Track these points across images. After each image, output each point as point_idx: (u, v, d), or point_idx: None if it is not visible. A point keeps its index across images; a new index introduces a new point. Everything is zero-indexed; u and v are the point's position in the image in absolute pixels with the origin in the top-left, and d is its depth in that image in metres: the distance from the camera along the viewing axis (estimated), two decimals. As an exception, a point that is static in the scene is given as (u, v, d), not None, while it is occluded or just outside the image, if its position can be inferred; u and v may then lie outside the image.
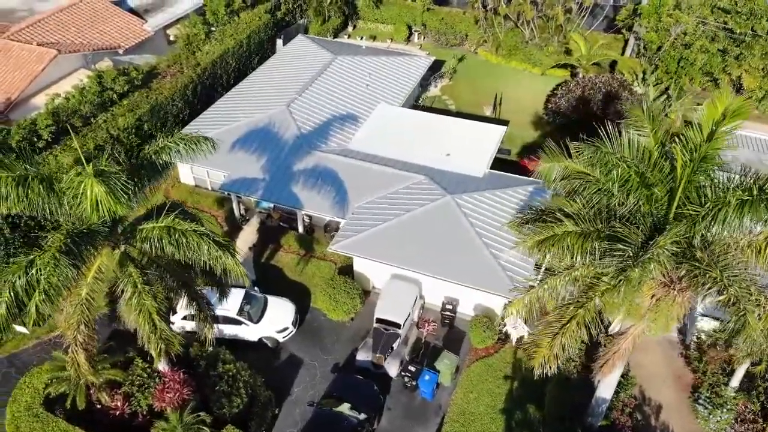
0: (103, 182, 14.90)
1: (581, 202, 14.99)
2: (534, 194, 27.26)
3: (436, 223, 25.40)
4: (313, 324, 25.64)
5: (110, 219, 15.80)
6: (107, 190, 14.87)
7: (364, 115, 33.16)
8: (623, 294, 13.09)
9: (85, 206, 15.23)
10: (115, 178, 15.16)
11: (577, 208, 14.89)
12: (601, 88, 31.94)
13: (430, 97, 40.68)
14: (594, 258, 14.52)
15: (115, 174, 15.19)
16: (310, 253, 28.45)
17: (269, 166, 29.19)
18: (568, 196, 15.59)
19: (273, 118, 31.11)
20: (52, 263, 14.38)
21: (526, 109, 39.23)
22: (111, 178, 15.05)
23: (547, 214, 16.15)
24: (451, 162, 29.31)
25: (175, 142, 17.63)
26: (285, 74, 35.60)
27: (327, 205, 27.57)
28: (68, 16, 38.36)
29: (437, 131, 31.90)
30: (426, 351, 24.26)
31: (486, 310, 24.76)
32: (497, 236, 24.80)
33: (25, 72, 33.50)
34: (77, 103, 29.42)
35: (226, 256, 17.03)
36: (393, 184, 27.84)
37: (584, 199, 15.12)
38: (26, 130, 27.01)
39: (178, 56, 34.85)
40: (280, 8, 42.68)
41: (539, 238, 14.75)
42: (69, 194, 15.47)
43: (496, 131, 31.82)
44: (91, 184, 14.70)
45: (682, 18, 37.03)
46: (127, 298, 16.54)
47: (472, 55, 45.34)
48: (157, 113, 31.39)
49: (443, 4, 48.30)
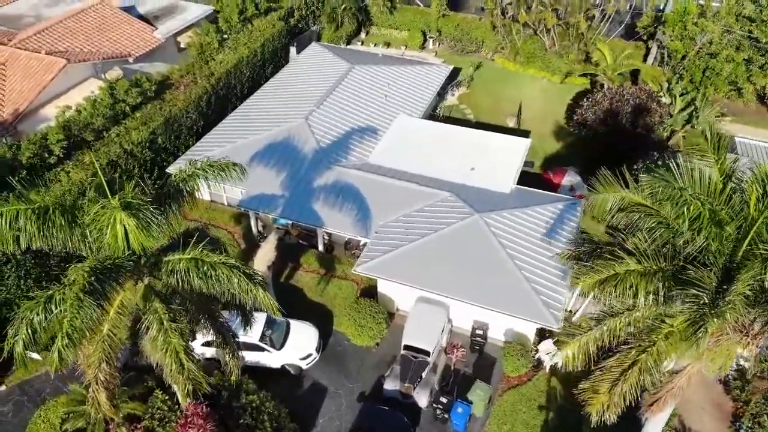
0: (132, 215, 13.89)
1: (643, 237, 13.93)
2: (565, 212, 26.27)
3: (465, 243, 24.39)
4: (336, 348, 24.64)
5: (139, 253, 14.79)
6: (137, 223, 13.87)
7: (383, 126, 32.15)
8: (701, 343, 12.07)
9: (113, 241, 14.21)
10: (144, 210, 14.14)
11: (639, 244, 13.82)
12: (629, 99, 30.90)
13: (448, 106, 39.67)
14: (658, 299, 13.51)
15: (143, 206, 14.17)
16: (331, 272, 27.45)
17: (288, 182, 28.19)
18: (626, 229, 14.55)
19: (291, 131, 30.09)
20: (75, 304, 13.36)
21: (547, 119, 38.26)
22: (140, 210, 14.03)
23: (601, 247, 15.14)
24: (476, 177, 28.29)
25: (203, 169, 16.60)
26: (301, 85, 34.59)
27: (349, 224, 26.56)
28: (76, 23, 37.34)
29: (459, 144, 30.88)
30: (456, 379, 23.26)
31: (518, 336, 23.77)
32: (529, 257, 23.84)
33: (34, 82, 32.50)
34: (89, 116, 28.40)
35: (256, 289, 16.04)
36: (417, 201, 26.83)
37: (645, 233, 14.08)
38: (37, 146, 25.98)
39: (191, 66, 33.82)
40: (293, 15, 41.63)
41: (599, 277, 13.73)
42: (94, 227, 14.46)
43: (521, 144, 30.80)
44: (120, 219, 13.68)
45: (708, 27, 36.02)
46: (152, 336, 15.53)
47: (489, 62, 44.33)
48: (171, 126, 30.37)
49: (457, 10, 47.30)
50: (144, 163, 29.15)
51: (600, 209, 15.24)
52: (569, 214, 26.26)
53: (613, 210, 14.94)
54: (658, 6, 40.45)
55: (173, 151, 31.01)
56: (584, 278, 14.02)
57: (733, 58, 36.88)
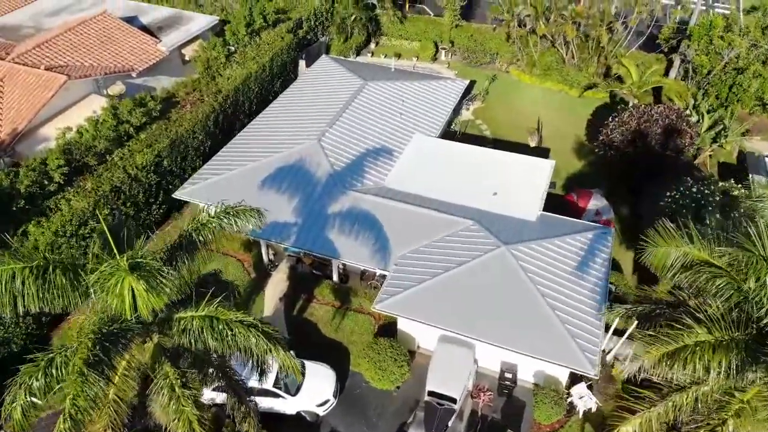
0: (141, 277, 12.41)
1: (713, 302, 12.44)
2: (595, 242, 24.82)
3: (491, 278, 22.91)
4: (354, 391, 23.15)
5: (147, 318, 13.32)
6: (147, 286, 12.39)
7: (398, 146, 30.66)
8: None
9: (119, 304, 12.74)
10: (155, 271, 12.65)
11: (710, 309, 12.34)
12: (658, 120, 29.40)
13: (463, 122, 38.19)
14: (729, 373, 12.04)
15: (154, 266, 12.67)
16: (347, 305, 25.98)
17: (301, 208, 26.69)
18: (691, 290, 13.07)
19: (303, 153, 28.59)
20: (78, 381, 11.90)
21: (567, 136, 36.80)
22: (150, 272, 12.54)
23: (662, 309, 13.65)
24: (500, 203, 26.80)
25: (218, 217, 15.11)
26: (312, 102, 33.07)
27: (366, 255, 25.05)
28: (77, 36, 35.84)
29: (479, 165, 29.39)
30: (483, 426, 21.78)
31: (549, 379, 22.31)
32: (561, 294, 22.35)
33: (33, 100, 31.00)
34: (91, 138, 26.89)
35: (277, 350, 14.60)
36: (438, 230, 25.34)
37: (713, 297, 12.60)
38: (36, 172, 24.48)
39: (197, 82, 32.28)
40: (302, 26, 40.11)
41: (666, 350, 12.23)
42: (98, 287, 12.97)
43: (545, 166, 29.29)
44: (128, 282, 12.20)
45: (735, 41, 34.58)
46: (163, 403, 14.05)
47: (504, 74, 42.87)
48: (177, 147, 28.86)
49: (468, 19, 45.77)
50: (149, 188, 27.66)
51: (659, 264, 13.75)
52: (600, 245, 24.80)
53: (675, 267, 13.44)
54: (683, 18, 38.97)
55: (179, 173, 29.52)
56: (650, 350, 12.48)
57: (761, 73, 35.50)
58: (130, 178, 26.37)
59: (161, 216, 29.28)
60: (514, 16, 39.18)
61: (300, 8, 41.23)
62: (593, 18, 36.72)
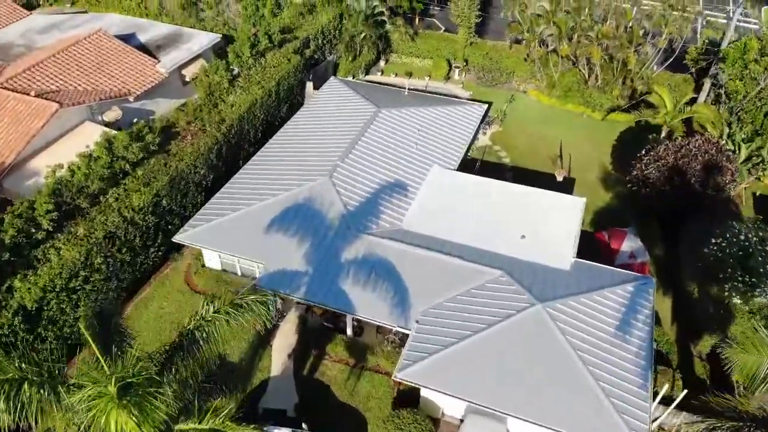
0: (132, 403, 10.17)
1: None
2: (636, 295, 22.65)
3: (525, 342, 20.69)
4: (373, 467, 20.97)
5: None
6: (139, 416, 10.15)
7: (415, 181, 28.43)
8: None
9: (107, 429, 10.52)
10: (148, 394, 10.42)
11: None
12: (696, 155, 27.20)
13: (480, 148, 35.98)
14: None
15: (148, 388, 10.44)
16: (362, 362, 23.74)
17: (312, 255, 24.47)
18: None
19: (314, 191, 26.38)
20: None
21: (591, 163, 34.62)
22: (144, 397, 10.31)
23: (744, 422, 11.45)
24: (529, 248, 24.63)
25: (224, 312, 12.88)
26: (321, 132, 30.81)
27: (384, 309, 22.81)
28: (71, 57, 33.51)
29: (503, 204, 27.19)
30: None
31: (590, 455, 20.08)
32: (603, 360, 20.15)
33: (22, 130, 28.74)
34: (83, 177, 24.65)
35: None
36: (463, 281, 23.13)
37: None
38: (22, 219, 22.23)
39: (198, 110, 30.00)
40: (309, 46, 37.86)
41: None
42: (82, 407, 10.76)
43: (576, 204, 27.06)
44: (115, 416, 9.97)
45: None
46: None
47: (521, 95, 40.67)
48: (177, 184, 26.62)
49: (482, 36, 43.52)
50: (146, 230, 25.42)
51: (746, 374, 11.57)
52: (641, 299, 22.65)
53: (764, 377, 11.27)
54: (714, 39, 36.76)
55: (179, 212, 27.28)
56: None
57: (799, 99, 33.29)
58: (125, 222, 24.14)
59: (160, 258, 27.06)
60: (535, 35, 36.92)
61: (307, 26, 38.98)
62: (620, 39, 34.48)
